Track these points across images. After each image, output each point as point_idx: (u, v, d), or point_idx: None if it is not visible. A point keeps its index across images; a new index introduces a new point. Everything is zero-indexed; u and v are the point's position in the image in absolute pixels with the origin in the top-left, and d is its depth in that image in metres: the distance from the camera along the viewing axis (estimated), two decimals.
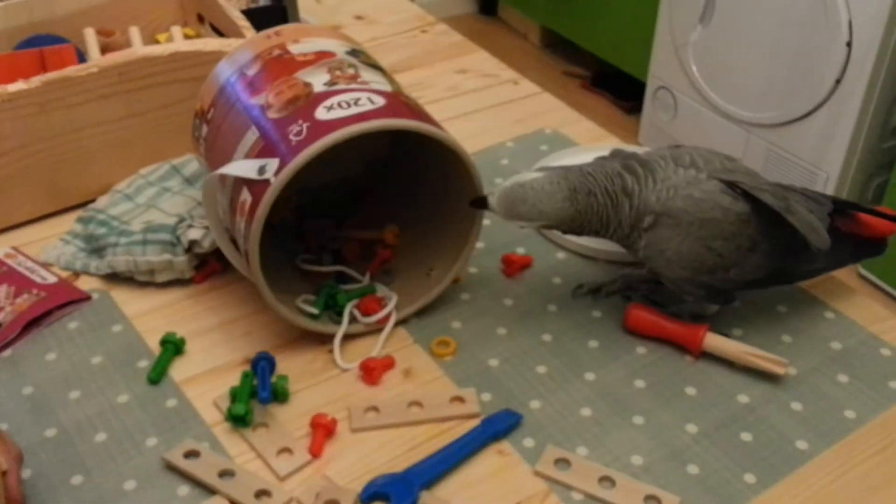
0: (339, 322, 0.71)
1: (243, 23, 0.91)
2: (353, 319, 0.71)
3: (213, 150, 0.71)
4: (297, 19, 1.10)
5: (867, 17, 1.56)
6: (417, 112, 0.68)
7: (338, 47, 0.73)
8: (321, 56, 0.71)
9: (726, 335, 0.70)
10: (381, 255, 0.78)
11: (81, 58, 0.92)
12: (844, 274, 1.83)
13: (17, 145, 0.79)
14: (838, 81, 1.65)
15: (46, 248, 0.80)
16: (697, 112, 1.98)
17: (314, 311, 0.71)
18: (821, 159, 1.75)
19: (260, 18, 0.99)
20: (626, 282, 0.75)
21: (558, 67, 2.63)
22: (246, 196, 0.64)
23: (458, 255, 0.73)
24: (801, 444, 0.63)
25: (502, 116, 1.01)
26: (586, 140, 0.97)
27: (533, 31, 2.75)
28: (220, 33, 0.97)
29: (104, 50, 0.93)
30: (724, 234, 0.66)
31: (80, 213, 0.83)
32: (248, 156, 0.65)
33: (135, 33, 0.95)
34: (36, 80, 0.78)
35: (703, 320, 0.71)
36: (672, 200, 0.65)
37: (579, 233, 0.69)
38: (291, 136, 0.64)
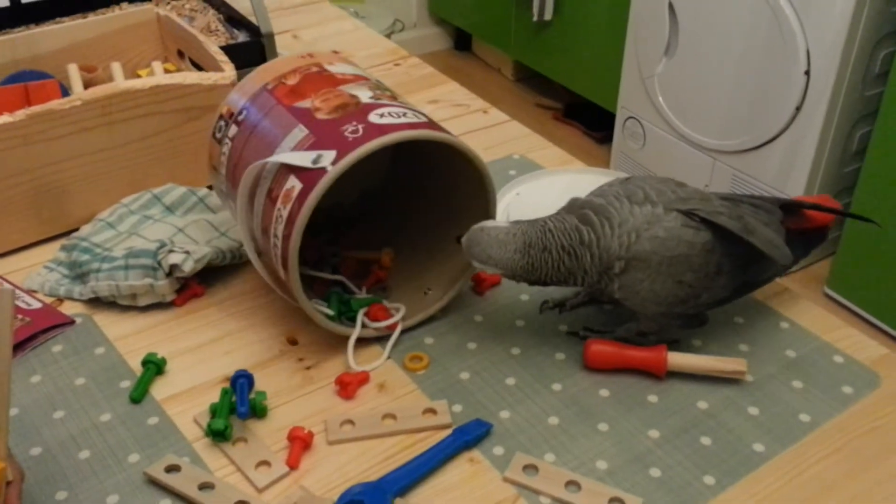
0: (350, 326, 0.75)
1: (222, 57, 0.94)
2: (363, 325, 0.75)
3: (245, 147, 0.73)
4: (274, 55, 1.14)
5: (824, 46, 1.63)
6: (449, 133, 0.72)
7: (368, 75, 0.78)
8: (358, 78, 0.76)
9: (678, 348, 0.73)
10: (376, 274, 0.81)
11: (65, 92, 0.95)
12: (811, 292, 1.88)
13: (2, 177, 0.82)
14: (798, 108, 1.71)
15: (31, 275, 0.83)
16: (665, 140, 2.04)
17: (330, 312, 0.74)
18: (784, 184, 1.81)
19: (238, 54, 1.03)
20: (589, 294, 0.79)
21: (531, 100, 2.70)
22: (294, 184, 0.67)
23: (458, 273, 0.77)
24: (758, 447, 0.66)
25: (473, 143, 1.04)
26: (553, 165, 1.01)
27: (506, 66, 2.82)
28: (199, 68, 1.01)
29: (87, 85, 0.97)
30: (693, 266, 0.68)
31: (63, 241, 0.86)
32: (295, 149, 0.68)
33: (117, 68, 0.99)
34: (21, 114, 0.81)
35: (648, 337, 0.74)
36: (638, 244, 0.67)
37: (543, 284, 0.70)
38: (347, 134, 0.67)
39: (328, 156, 0.66)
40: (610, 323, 0.77)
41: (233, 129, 0.75)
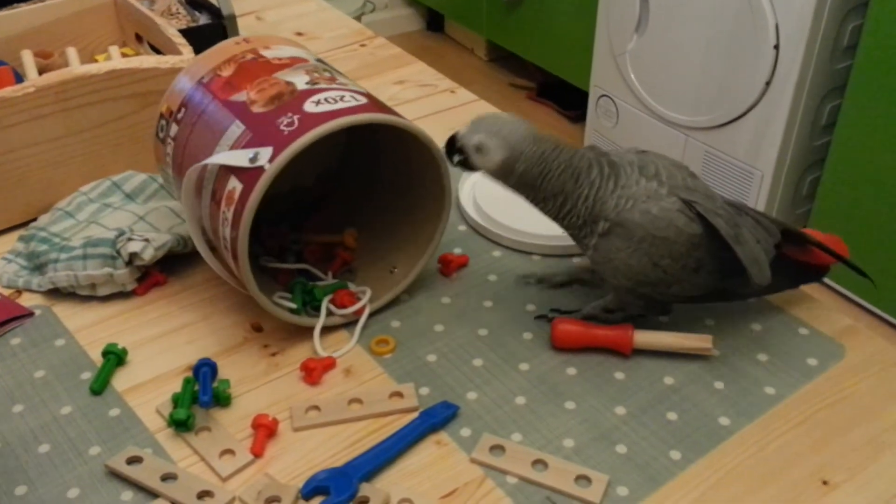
0: (314, 316, 0.74)
1: (180, 40, 0.93)
2: (328, 313, 0.74)
3: (186, 147, 0.72)
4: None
5: (792, 20, 1.63)
6: (394, 112, 0.71)
7: (307, 55, 0.76)
8: (295, 60, 0.74)
9: (644, 324, 0.73)
10: (341, 257, 0.80)
11: (20, 79, 0.93)
12: None
13: None
14: (768, 83, 1.71)
15: None
16: (638, 118, 2.04)
17: (293, 305, 0.73)
18: (756, 159, 1.81)
19: (200, 37, 1.01)
20: (570, 273, 0.78)
21: (505, 80, 2.68)
22: (234, 185, 0.65)
23: (423, 250, 0.76)
24: (724, 421, 0.66)
25: (440, 124, 1.04)
26: None
27: (479, 46, 2.80)
28: (158, 52, 0.99)
29: (42, 71, 0.94)
30: (673, 253, 0.67)
31: (21, 231, 0.84)
32: (233, 148, 0.67)
33: (72, 54, 0.96)
34: None
35: (615, 314, 0.73)
36: (629, 212, 0.66)
37: (533, 196, 0.68)
38: (283, 127, 0.66)
39: (265, 153, 0.65)
40: (576, 305, 0.76)
41: (174, 129, 0.73)
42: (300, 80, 0.70)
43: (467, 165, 0.70)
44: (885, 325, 1.71)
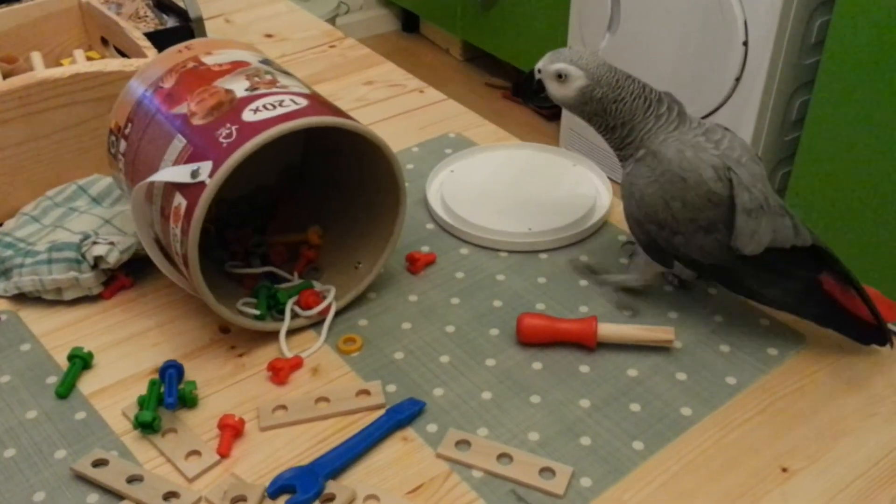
0: (280, 319, 0.74)
1: (145, 43, 0.92)
2: (294, 315, 0.74)
3: (134, 163, 0.72)
4: None
5: (761, 16, 1.65)
6: (338, 110, 0.71)
7: (250, 57, 0.76)
8: (237, 65, 0.74)
9: (609, 318, 0.74)
10: (306, 255, 0.80)
11: None
12: None
13: None
14: (738, 79, 1.73)
15: None
16: None
17: (257, 312, 0.73)
18: None
19: (167, 40, 1.00)
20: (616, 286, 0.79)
21: (480, 79, 2.69)
22: (180, 201, 0.66)
23: (384, 245, 0.77)
24: (686, 411, 0.67)
25: (408, 123, 1.05)
26: (488, 142, 1.01)
27: (455, 46, 2.81)
28: (125, 56, 0.99)
29: (6, 76, 0.94)
30: (685, 199, 0.68)
31: None
32: (176, 163, 0.67)
33: (37, 58, 0.96)
34: None
35: (627, 294, 0.76)
36: (666, 146, 0.69)
37: (604, 126, 0.73)
38: (221, 139, 0.66)
39: (206, 167, 0.65)
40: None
41: (122, 145, 0.73)
42: (240, 87, 0.70)
43: (546, 100, 0.75)
44: None
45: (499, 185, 0.91)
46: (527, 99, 0.78)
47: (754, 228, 0.68)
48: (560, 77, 0.72)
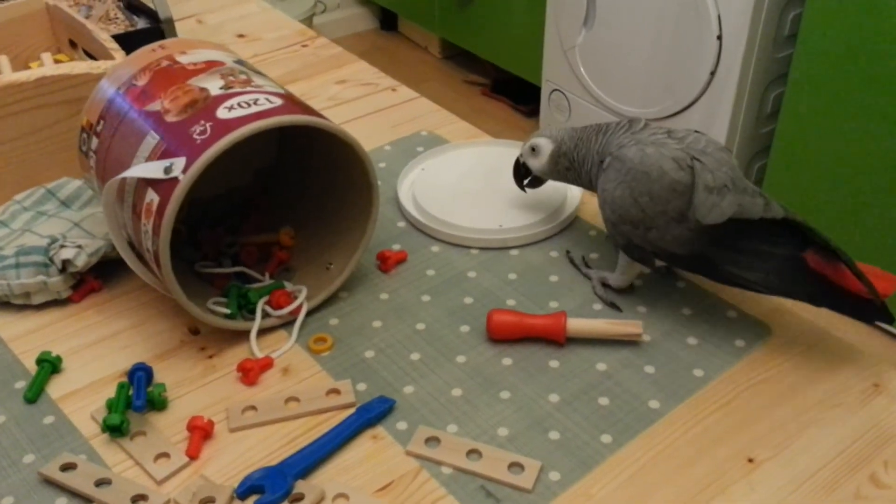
0: (251, 319, 0.74)
1: (112, 45, 0.92)
2: (265, 315, 0.74)
3: (106, 159, 0.72)
4: None
5: (734, 10, 1.66)
6: (311, 110, 0.71)
7: (224, 57, 0.76)
8: (211, 65, 0.74)
9: (579, 314, 0.75)
10: (278, 257, 0.80)
11: None
12: None
13: None
14: (713, 73, 1.74)
15: None
16: (589, 111, 2.06)
17: (227, 311, 0.73)
18: None
19: (137, 41, 1.00)
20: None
21: (459, 77, 2.69)
22: (152, 197, 0.65)
23: (357, 245, 0.77)
24: (654, 404, 0.68)
25: (381, 122, 1.05)
26: (460, 139, 1.01)
27: (433, 44, 2.81)
28: (93, 58, 0.98)
29: None
30: (652, 193, 0.70)
31: None
32: (149, 160, 0.67)
33: (4, 62, 0.95)
34: None
35: (611, 290, 0.78)
36: (627, 149, 0.72)
37: (579, 178, 0.78)
38: (195, 136, 0.66)
39: (179, 163, 0.65)
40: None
41: (94, 142, 0.73)
42: (214, 86, 0.70)
43: (539, 181, 0.84)
44: None
45: (470, 182, 0.91)
46: (521, 188, 0.85)
47: (715, 202, 0.69)
48: (533, 150, 0.80)
